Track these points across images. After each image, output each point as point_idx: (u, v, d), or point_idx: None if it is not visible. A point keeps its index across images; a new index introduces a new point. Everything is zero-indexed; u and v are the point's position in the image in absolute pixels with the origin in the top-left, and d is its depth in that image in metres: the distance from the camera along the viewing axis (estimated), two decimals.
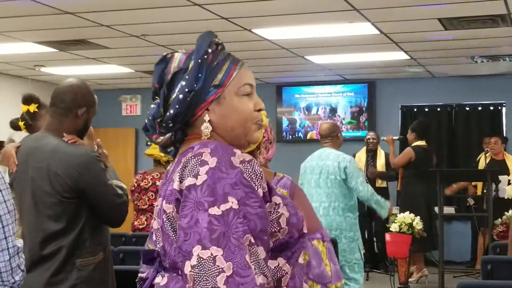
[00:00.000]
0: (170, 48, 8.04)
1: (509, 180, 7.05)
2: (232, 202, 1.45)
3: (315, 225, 2.59)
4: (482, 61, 8.85)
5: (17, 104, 3.91)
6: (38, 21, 6.72)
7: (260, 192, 1.51)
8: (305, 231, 1.62)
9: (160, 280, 1.57)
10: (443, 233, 7.37)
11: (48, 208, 2.75)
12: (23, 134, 3.26)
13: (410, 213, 7.07)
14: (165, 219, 1.55)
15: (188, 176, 1.49)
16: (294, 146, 10.38)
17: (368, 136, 8.92)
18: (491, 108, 10.13)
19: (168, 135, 1.64)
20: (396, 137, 8.59)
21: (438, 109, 10.24)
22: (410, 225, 6.99)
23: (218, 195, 1.45)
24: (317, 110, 10.76)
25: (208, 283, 1.39)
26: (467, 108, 10.14)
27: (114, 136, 11.59)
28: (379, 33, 7.22)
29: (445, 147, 10.11)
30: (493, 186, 7.46)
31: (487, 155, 8.22)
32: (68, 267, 2.74)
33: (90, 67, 9.41)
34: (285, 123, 10.85)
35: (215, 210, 1.44)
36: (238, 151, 1.53)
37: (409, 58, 8.65)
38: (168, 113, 1.60)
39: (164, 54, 1.68)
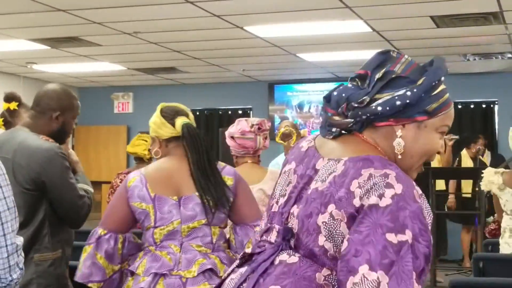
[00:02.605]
0: (162, 45, 8.04)
1: None
2: (408, 236, 1.43)
3: (257, 214, 2.79)
4: (475, 59, 8.87)
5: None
6: (30, 18, 6.69)
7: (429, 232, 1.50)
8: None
9: (287, 258, 1.57)
10: (435, 231, 7.39)
11: None
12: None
13: None
14: (325, 221, 1.52)
15: (372, 195, 1.47)
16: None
17: None
18: (484, 106, 10.17)
19: (348, 120, 1.62)
20: (456, 137, 8.52)
21: None
22: None
23: (398, 224, 1.44)
24: (309, 108, 10.76)
25: None
26: (459, 106, 10.15)
27: (106, 134, 11.56)
28: (371, 30, 7.22)
29: None
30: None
31: (465, 152, 8.46)
32: (25, 261, 2.75)
33: (82, 64, 9.39)
34: (277, 120, 10.83)
35: (391, 237, 1.43)
36: (415, 185, 1.52)
37: None
38: (372, 107, 1.58)
39: (390, 50, 1.68)
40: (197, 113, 10.89)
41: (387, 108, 1.57)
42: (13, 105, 3.32)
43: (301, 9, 6.33)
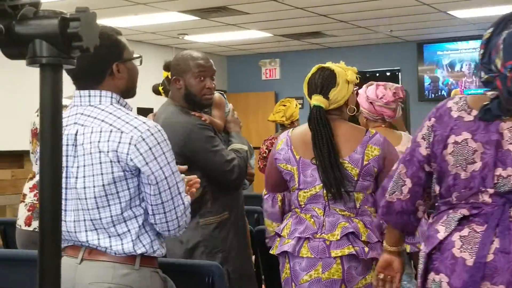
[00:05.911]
0: (308, 10, 8.03)
1: None
2: None
3: None
4: None
5: (162, 72, 4.11)
6: None
7: None
8: None
9: None
10: None
11: None
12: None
13: None
14: None
15: None
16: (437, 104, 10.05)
17: None
18: None
19: None
20: None
21: None
22: None
23: None
24: (461, 67, 10.33)
25: None
26: None
27: (254, 100, 11.80)
28: None
29: None
30: None
31: None
32: (192, 226, 2.86)
33: (230, 33, 9.60)
34: (427, 81, 10.52)
35: None
36: None
37: None
38: None
39: None
40: None
41: None
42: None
43: None
